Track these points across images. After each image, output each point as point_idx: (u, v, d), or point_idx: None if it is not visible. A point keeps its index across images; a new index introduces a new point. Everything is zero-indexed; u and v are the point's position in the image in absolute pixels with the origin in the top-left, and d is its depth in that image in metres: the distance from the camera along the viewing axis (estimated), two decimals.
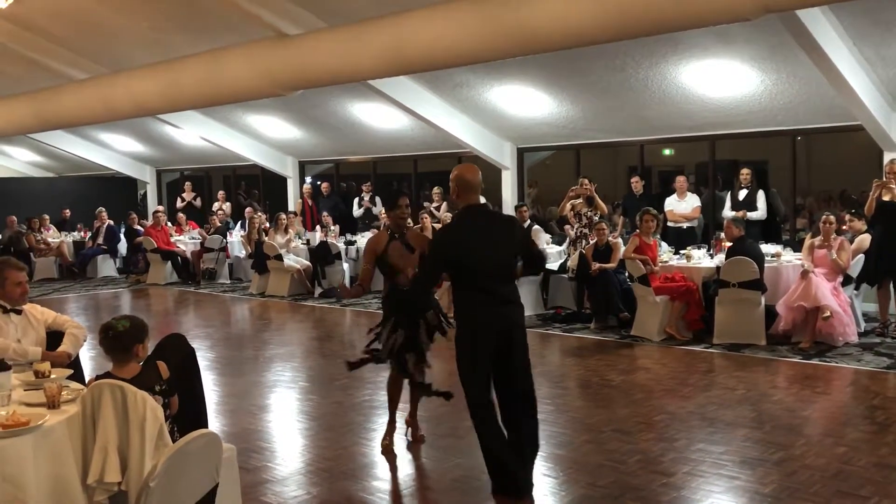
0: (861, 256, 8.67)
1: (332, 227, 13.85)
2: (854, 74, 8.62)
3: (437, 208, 13.58)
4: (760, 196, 10.51)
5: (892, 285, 8.49)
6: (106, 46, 12.07)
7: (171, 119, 15.36)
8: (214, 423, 5.93)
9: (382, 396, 6.65)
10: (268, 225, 13.82)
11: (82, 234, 17.10)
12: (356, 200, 15.41)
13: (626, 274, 9.17)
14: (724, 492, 4.51)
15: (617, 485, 4.63)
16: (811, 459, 4.94)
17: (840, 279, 8.42)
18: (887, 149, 9.55)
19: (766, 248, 9.09)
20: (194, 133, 16.21)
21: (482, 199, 4.84)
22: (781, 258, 9.01)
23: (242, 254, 14.49)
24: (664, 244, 9.98)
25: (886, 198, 8.24)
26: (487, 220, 4.49)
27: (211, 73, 10.78)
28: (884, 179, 8.29)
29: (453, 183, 4.47)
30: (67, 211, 18.49)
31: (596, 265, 9.34)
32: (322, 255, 12.65)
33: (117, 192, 20.64)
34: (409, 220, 6.07)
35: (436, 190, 13.94)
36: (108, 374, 3.56)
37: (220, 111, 14.98)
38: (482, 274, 4.34)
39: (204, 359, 8.30)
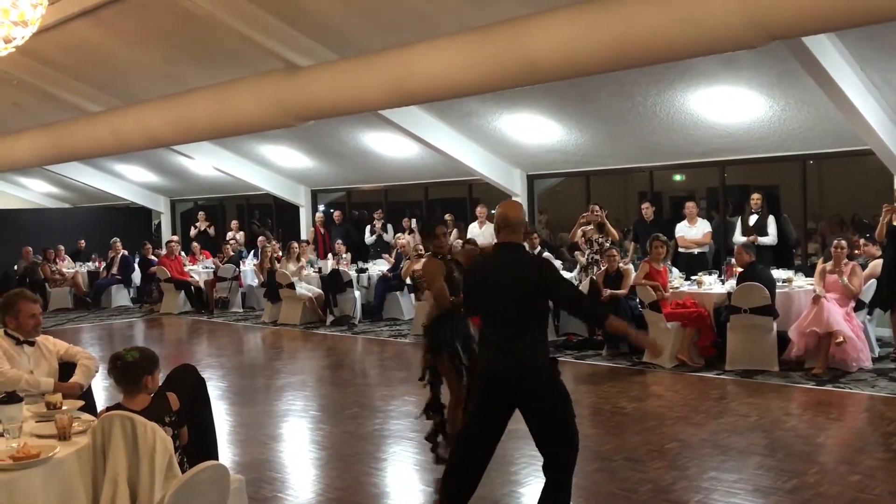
0: (873, 281, 8.62)
1: (345, 255, 13.90)
2: (862, 99, 8.63)
3: (448, 234, 13.61)
4: (771, 221, 10.49)
5: None
6: (119, 79, 12.26)
7: (184, 150, 15.52)
8: (225, 452, 5.94)
9: (393, 426, 6.69)
10: (280, 253, 13.90)
11: (97, 264, 17.23)
12: (368, 228, 15.48)
13: (637, 300, 9.16)
14: None
15: None
16: (825, 488, 4.90)
17: (852, 304, 8.37)
18: None
19: (778, 274, 9.05)
20: (207, 163, 16.36)
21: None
22: (793, 283, 8.97)
23: (255, 282, 14.56)
24: (675, 270, 9.97)
25: None
26: (507, 260, 4.27)
27: (222, 105, 10.92)
28: (894, 204, 8.26)
29: (496, 220, 4.40)
30: (82, 241, 18.65)
31: (607, 291, 9.33)
32: (334, 284, 12.70)
33: (132, 222, 20.82)
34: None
35: (447, 217, 13.99)
36: (118, 406, 3.59)
37: (233, 141, 15.14)
38: (485, 312, 4.33)
39: (216, 388, 8.34)
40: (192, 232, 17.88)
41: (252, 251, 16.16)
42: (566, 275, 11.41)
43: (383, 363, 9.76)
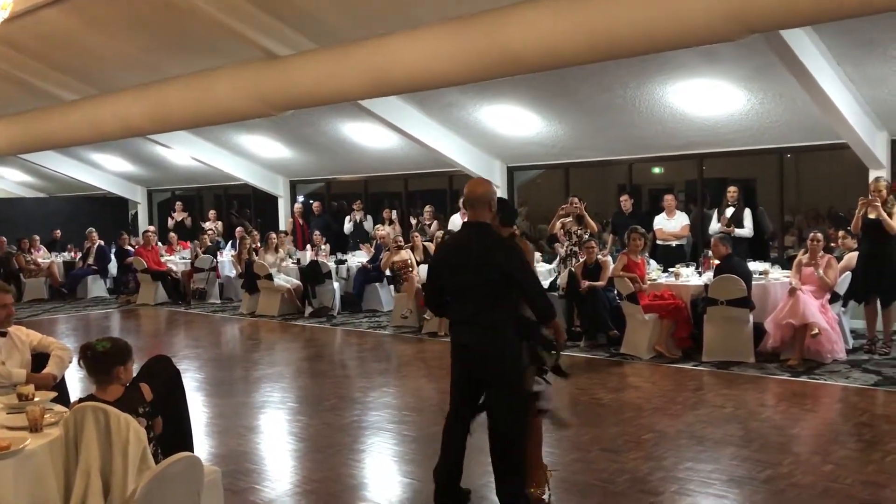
0: (848, 274, 8.71)
1: (323, 246, 13.85)
2: (839, 94, 8.70)
3: (429, 226, 13.60)
4: (747, 214, 10.56)
5: (878, 302, 8.52)
6: (95, 67, 12.10)
7: (161, 139, 15.39)
8: (202, 444, 5.91)
9: (372, 417, 6.67)
10: (258, 244, 13.82)
11: (72, 254, 17.05)
12: (347, 219, 15.42)
13: (615, 292, 9.19)
14: None
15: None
16: (798, 478, 4.94)
17: (828, 296, 8.46)
18: (872, 167, 9.62)
19: (754, 266, 9.12)
20: (185, 153, 16.24)
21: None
22: (769, 276, 9.04)
23: (233, 273, 14.46)
24: (653, 262, 10.02)
25: (872, 216, 8.27)
26: (473, 239, 4.32)
27: (200, 94, 10.82)
28: (869, 197, 8.34)
29: (463, 198, 4.47)
30: (58, 231, 18.45)
31: (585, 283, 9.36)
32: (313, 275, 12.64)
33: (108, 212, 20.61)
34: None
35: (427, 209, 13.97)
36: (91, 397, 3.55)
37: (211, 131, 15.02)
38: (452, 290, 4.38)
39: (193, 379, 8.28)
40: (170, 222, 17.74)
41: (230, 242, 16.06)
42: (545, 266, 11.44)
43: (362, 355, 9.74)
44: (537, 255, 11.94)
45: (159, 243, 15.89)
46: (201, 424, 6.52)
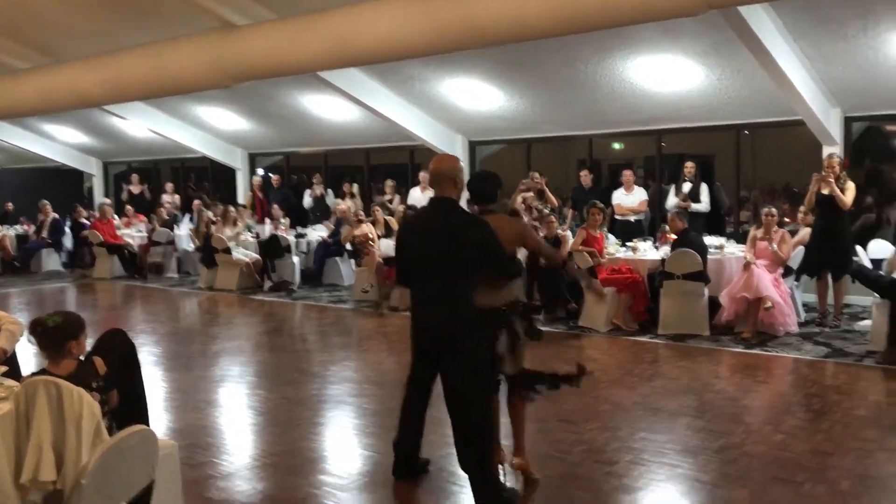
0: (802, 248, 8.89)
1: (283, 220, 13.72)
2: (795, 71, 8.82)
3: (391, 201, 13.55)
4: (704, 189, 10.69)
5: (830, 276, 8.71)
6: (48, 36, 11.76)
7: (117, 110, 15.05)
8: (159, 418, 5.86)
9: (332, 391, 6.68)
10: (216, 217, 13.64)
11: (25, 227, 16.69)
12: (307, 192, 15.29)
13: (575, 266, 9.26)
14: (666, 480, 4.60)
15: (562, 475, 4.70)
16: (750, 447, 5.06)
17: (781, 270, 8.62)
18: (826, 143, 9.79)
19: (710, 241, 9.26)
20: (141, 124, 15.92)
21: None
22: (725, 250, 9.19)
23: (191, 247, 14.29)
24: (611, 237, 10.11)
25: (825, 192, 8.43)
26: (440, 216, 4.29)
27: (156, 64, 10.57)
28: (822, 174, 8.49)
29: (429, 175, 4.43)
30: (10, 204, 18.03)
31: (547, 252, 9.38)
32: (272, 249, 12.54)
33: (62, 184, 20.15)
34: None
35: (389, 183, 13.90)
36: (43, 371, 3.49)
37: (168, 102, 14.73)
38: (414, 268, 4.35)
39: (150, 354, 8.20)
40: (125, 195, 17.43)
41: (188, 215, 15.84)
42: None
43: (322, 329, 9.71)
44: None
45: (115, 216, 15.62)
46: (159, 399, 6.46)
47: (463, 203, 4.47)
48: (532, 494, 4.41)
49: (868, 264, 8.56)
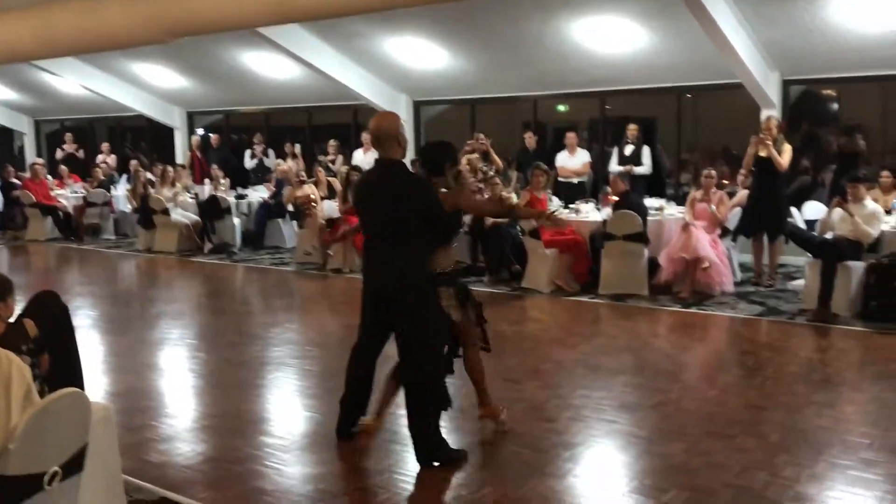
0: (739, 209, 9.07)
1: (223, 181, 13.45)
2: (735, 34, 8.92)
3: (333, 161, 13.38)
4: (646, 152, 10.82)
5: (765, 237, 8.92)
6: None
7: (48, 66, 14.52)
8: (97, 382, 5.75)
9: (274, 353, 6.62)
10: (154, 178, 13.33)
11: None
12: (248, 153, 15.01)
13: (518, 228, 9.31)
14: (603, 435, 4.69)
15: (503, 432, 4.75)
16: (685, 403, 5.19)
17: (718, 231, 8.80)
18: (765, 106, 9.97)
19: (651, 203, 9.39)
20: (75, 81, 15.39)
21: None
22: (665, 212, 9.33)
23: (128, 208, 13.95)
24: (555, 199, 10.17)
25: (763, 154, 8.60)
26: (385, 177, 4.29)
27: (90, 18, 10.17)
28: (761, 136, 8.64)
29: (371, 135, 4.39)
30: None
31: (490, 219, 9.43)
32: (212, 210, 12.31)
33: None
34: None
35: (332, 143, 13.72)
36: None
37: (103, 58, 14.24)
38: (366, 228, 4.40)
39: (86, 317, 8.02)
40: (59, 154, 16.90)
41: (124, 176, 15.43)
42: None
43: (264, 291, 9.61)
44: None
45: (49, 177, 15.13)
46: (96, 362, 6.33)
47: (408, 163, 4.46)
48: (476, 451, 4.45)
49: (802, 225, 8.80)
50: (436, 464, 4.24)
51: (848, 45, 9.13)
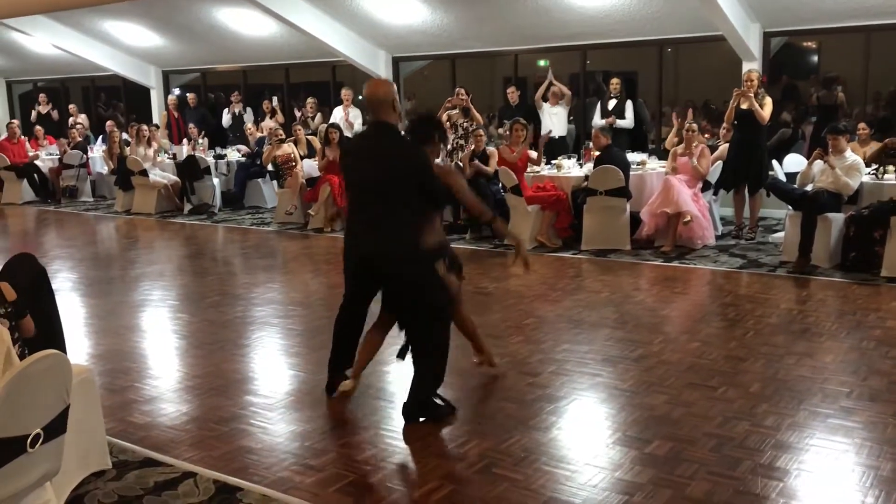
0: (720, 163, 9.07)
1: (200, 141, 13.27)
2: None
3: (312, 118, 13.23)
4: (628, 106, 10.77)
5: (746, 190, 8.94)
6: None
7: (18, 24, 14.17)
8: (79, 344, 5.72)
9: (257, 313, 6.61)
10: (128, 138, 13.12)
11: None
12: (226, 111, 14.80)
13: (500, 184, 9.28)
14: (587, 388, 4.73)
15: (485, 386, 4.79)
16: (667, 355, 5.24)
17: (700, 185, 8.81)
18: (746, 59, 9.92)
19: (633, 157, 9.37)
20: (46, 40, 15.05)
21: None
22: (646, 166, 9.32)
23: (105, 170, 13.76)
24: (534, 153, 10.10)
25: (745, 106, 8.57)
26: (379, 143, 4.27)
27: None
28: (743, 88, 8.61)
29: (365, 101, 4.39)
30: None
31: (475, 163, 9.33)
32: (190, 170, 12.16)
33: None
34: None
35: (310, 101, 13.55)
36: None
37: (74, 16, 13.94)
38: (356, 194, 4.34)
39: (66, 279, 7.95)
40: (33, 115, 16.59)
41: (101, 136, 15.19)
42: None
43: (245, 252, 9.55)
44: None
45: (24, 137, 14.87)
46: (77, 325, 6.29)
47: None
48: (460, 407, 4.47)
49: (783, 178, 8.82)
50: (421, 419, 4.26)
51: None
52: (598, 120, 10.75)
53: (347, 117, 12.29)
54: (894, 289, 6.77)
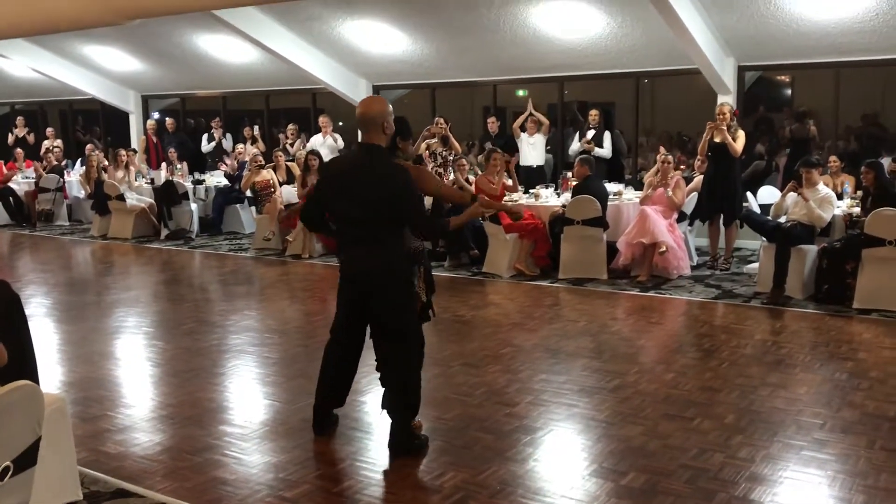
0: (695, 194, 9.18)
1: (179, 166, 13.22)
2: (691, 19, 9.00)
3: (292, 145, 13.24)
4: (607, 136, 10.88)
5: (721, 221, 9.04)
6: None
7: None
8: (51, 372, 5.64)
9: (233, 341, 6.56)
10: (106, 163, 13.06)
11: None
12: (205, 137, 14.78)
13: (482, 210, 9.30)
14: (564, 419, 4.73)
15: (462, 417, 4.77)
16: (643, 386, 5.26)
17: (675, 216, 8.90)
18: (721, 92, 10.09)
19: (610, 187, 9.46)
20: (23, 64, 14.99)
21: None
22: (623, 196, 9.41)
23: (82, 194, 13.67)
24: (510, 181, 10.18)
25: (717, 139, 8.70)
26: (365, 163, 4.13)
27: None
28: (716, 122, 8.74)
29: (358, 119, 4.25)
30: None
31: (449, 204, 9.38)
32: (168, 195, 12.11)
33: None
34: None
35: (290, 127, 13.57)
36: None
37: (53, 40, 13.90)
38: (339, 213, 4.23)
39: (39, 305, 7.87)
40: (10, 139, 16.46)
41: (79, 160, 15.09)
42: None
43: (222, 278, 9.49)
44: None
45: (1, 161, 14.76)
46: (50, 352, 6.22)
47: None
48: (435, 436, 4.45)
49: (757, 209, 8.94)
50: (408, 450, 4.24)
51: (801, 31, 9.27)
52: (575, 145, 10.86)
53: (335, 143, 12.36)
54: (866, 320, 6.86)
